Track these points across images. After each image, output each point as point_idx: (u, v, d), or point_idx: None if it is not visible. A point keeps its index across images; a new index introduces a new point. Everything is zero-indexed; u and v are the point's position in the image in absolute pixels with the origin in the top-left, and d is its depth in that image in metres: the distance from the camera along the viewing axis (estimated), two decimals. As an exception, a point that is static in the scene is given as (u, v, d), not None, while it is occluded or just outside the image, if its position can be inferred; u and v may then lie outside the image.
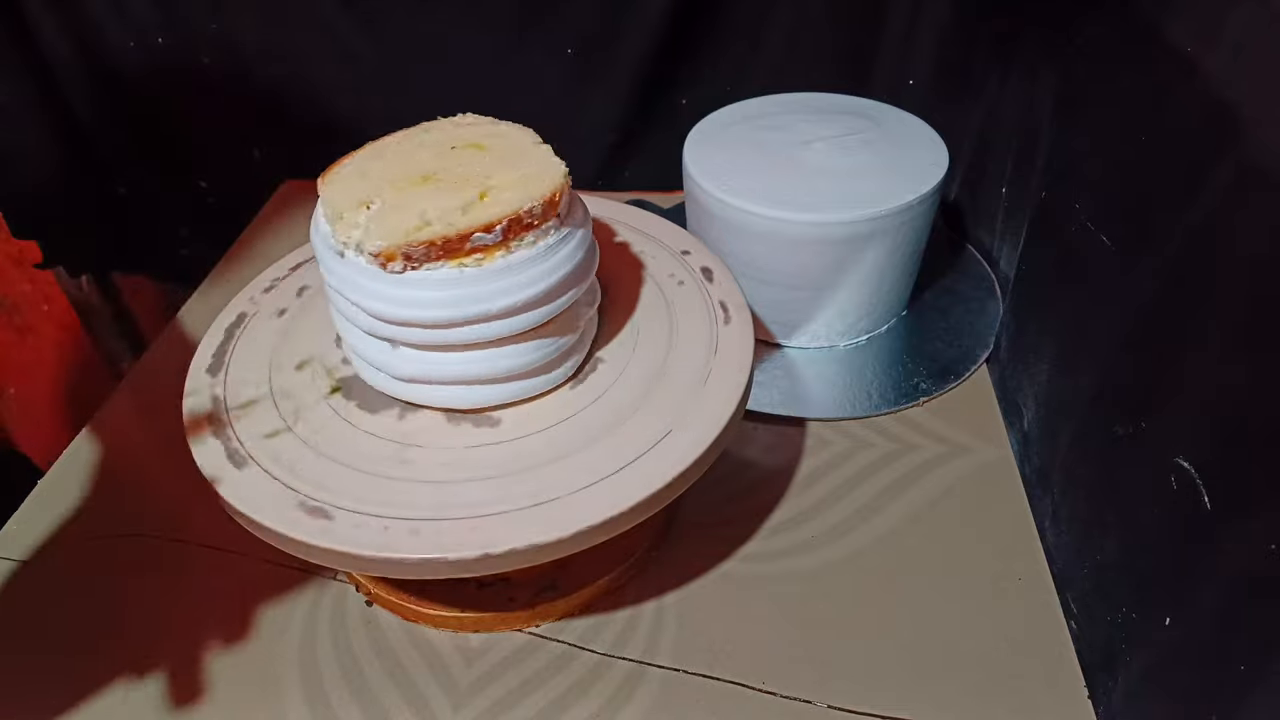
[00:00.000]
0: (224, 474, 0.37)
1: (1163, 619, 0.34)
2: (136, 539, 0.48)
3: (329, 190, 0.38)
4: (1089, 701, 0.40)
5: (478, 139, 0.40)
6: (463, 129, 0.41)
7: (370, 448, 0.38)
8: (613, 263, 0.47)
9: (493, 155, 0.39)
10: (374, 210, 0.36)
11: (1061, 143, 0.49)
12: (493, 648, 0.43)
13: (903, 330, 0.60)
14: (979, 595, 0.44)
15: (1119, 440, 0.39)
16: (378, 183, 0.38)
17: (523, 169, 0.37)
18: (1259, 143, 0.31)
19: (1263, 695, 0.28)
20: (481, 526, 0.35)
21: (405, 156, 0.39)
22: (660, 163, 0.70)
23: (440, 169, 0.38)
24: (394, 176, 0.38)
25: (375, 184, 0.38)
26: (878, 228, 0.52)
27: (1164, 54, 0.37)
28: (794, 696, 0.40)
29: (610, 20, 0.66)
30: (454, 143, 0.40)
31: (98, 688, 0.42)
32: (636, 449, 0.37)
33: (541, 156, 0.38)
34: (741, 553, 0.47)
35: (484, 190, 0.36)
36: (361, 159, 0.40)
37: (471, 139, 0.40)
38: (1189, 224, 0.35)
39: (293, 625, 0.44)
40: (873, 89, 0.66)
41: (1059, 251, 0.48)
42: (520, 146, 0.39)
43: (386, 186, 0.37)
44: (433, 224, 0.35)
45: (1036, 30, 0.54)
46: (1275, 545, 0.28)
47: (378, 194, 0.37)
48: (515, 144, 0.40)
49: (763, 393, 0.55)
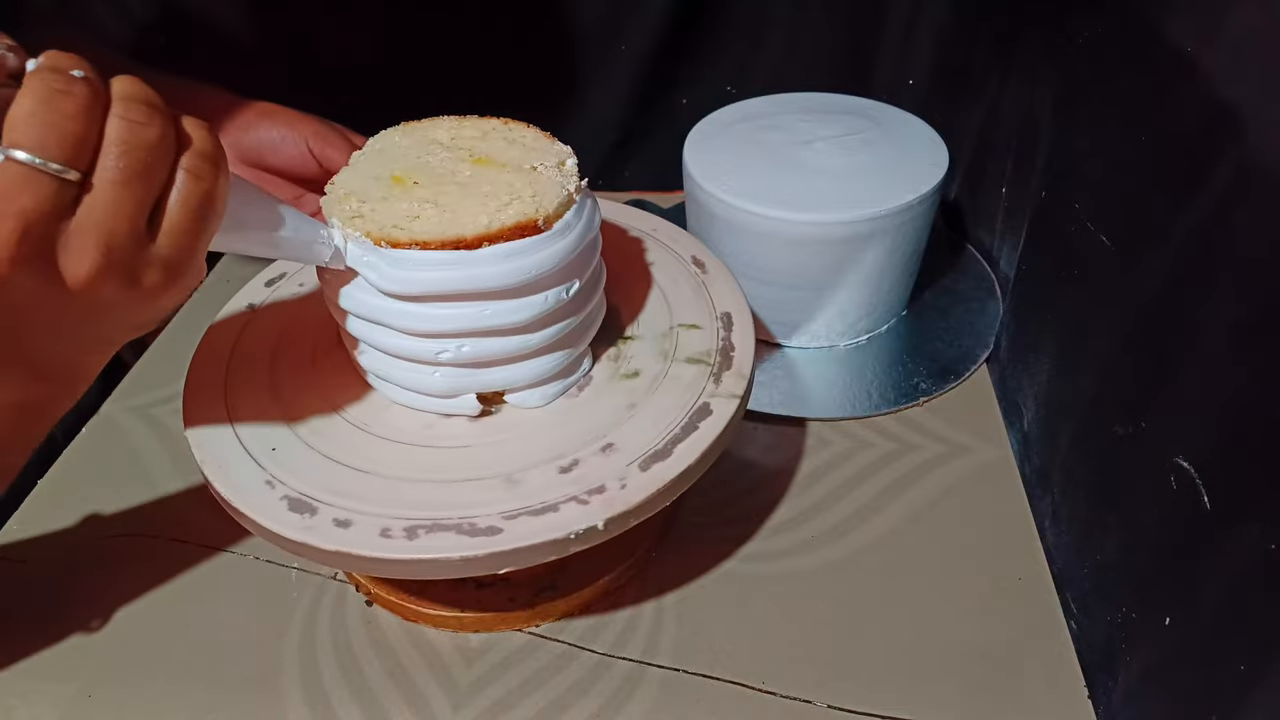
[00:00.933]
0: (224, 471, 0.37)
1: (1163, 619, 0.34)
2: (136, 539, 0.48)
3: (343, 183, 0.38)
4: (1089, 701, 0.40)
5: (486, 151, 0.39)
6: (467, 128, 0.41)
7: (447, 457, 0.38)
8: (613, 263, 0.47)
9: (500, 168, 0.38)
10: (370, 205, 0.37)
11: (1061, 143, 0.49)
12: (493, 648, 0.43)
13: (903, 330, 0.60)
14: (979, 595, 0.44)
15: (1119, 440, 0.39)
16: (377, 181, 0.38)
17: (530, 187, 0.37)
18: (1259, 143, 0.31)
19: (1263, 695, 0.28)
20: (621, 479, 0.35)
21: (404, 157, 0.39)
22: (660, 163, 0.69)
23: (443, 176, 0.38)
24: (393, 174, 0.38)
25: (372, 183, 0.38)
26: (878, 228, 0.52)
27: (1164, 54, 0.37)
28: (794, 696, 0.40)
29: (610, 20, 0.66)
30: (458, 146, 0.40)
31: (98, 687, 0.42)
32: (636, 450, 0.37)
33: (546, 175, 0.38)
34: (741, 553, 0.47)
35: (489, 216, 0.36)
36: (364, 160, 0.40)
37: (478, 149, 0.40)
38: (1189, 224, 0.35)
39: (293, 625, 0.44)
40: (873, 89, 0.66)
41: (1059, 251, 0.48)
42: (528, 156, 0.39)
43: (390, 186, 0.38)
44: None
45: (1036, 30, 0.54)
46: (1275, 545, 0.28)
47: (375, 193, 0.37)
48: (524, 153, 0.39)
49: (763, 393, 0.55)
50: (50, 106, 0.25)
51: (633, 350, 0.43)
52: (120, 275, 0.27)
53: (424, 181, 0.38)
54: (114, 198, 0.26)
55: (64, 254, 0.26)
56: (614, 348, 0.43)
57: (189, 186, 0.28)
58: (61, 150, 0.25)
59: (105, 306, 0.28)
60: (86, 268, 0.26)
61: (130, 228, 0.27)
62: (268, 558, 0.47)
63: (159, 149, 0.27)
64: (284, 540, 0.35)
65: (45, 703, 0.41)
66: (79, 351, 0.31)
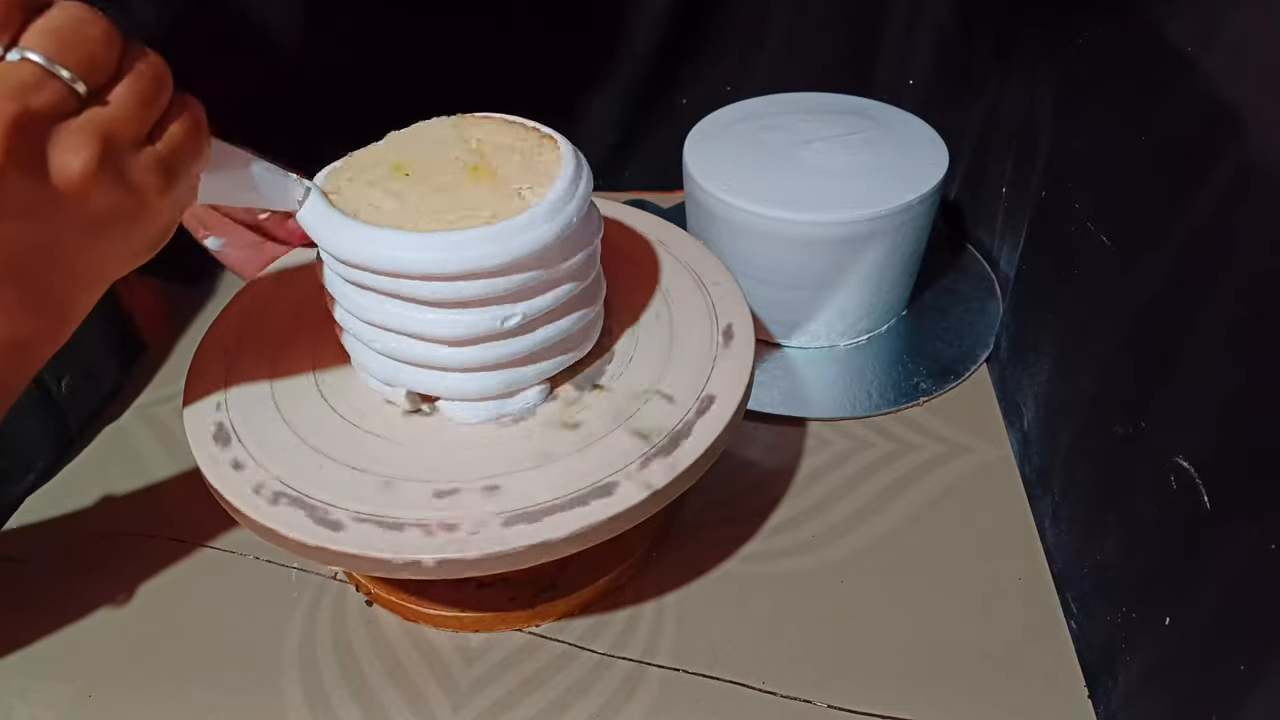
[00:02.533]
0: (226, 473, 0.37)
1: (1163, 619, 0.34)
2: (137, 539, 0.48)
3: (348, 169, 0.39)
4: (1089, 701, 0.40)
5: (494, 162, 0.39)
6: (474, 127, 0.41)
7: (360, 443, 0.39)
8: (612, 263, 0.47)
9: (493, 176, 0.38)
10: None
11: (1061, 143, 0.49)
12: (493, 648, 0.43)
13: (903, 330, 0.60)
14: (979, 595, 0.44)
15: (1119, 440, 0.39)
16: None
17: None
18: (1259, 143, 0.31)
19: (1263, 695, 0.28)
20: (477, 526, 0.35)
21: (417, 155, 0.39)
22: (660, 163, 0.69)
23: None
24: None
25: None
26: (878, 228, 0.52)
27: (1164, 54, 0.37)
28: (794, 696, 0.40)
29: (610, 20, 0.66)
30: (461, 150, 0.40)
31: (98, 687, 0.42)
32: (636, 449, 0.37)
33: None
34: (741, 553, 0.47)
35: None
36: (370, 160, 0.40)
37: (487, 158, 0.39)
38: (1189, 224, 0.35)
39: (293, 625, 0.44)
40: (873, 89, 0.66)
41: (1059, 251, 0.48)
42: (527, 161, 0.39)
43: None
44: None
45: (1036, 30, 0.54)
46: (1275, 545, 0.28)
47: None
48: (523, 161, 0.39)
49: (763, 393, 0.55)
50: (75, 27, 0.26)
51: (592, 401, 0.40)
52: (115, 175, 0.28)
53: (414, 175, 0.38)
54: (121, 103, 0.27)
55: (62, 149, 0.27)
56: (578, 392, 0.41)
57: (189, 107, 0.30)
58: (78, 65, 0.26)
59: (98, 219, 0.29)
60: (84, 160, 0.27)
61: (132, 133, 0.28)
62: (268, 558, 0.47)
63: (165, 82, 0.29)
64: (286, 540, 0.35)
65: (45, 702, 0.41)
66: (70, 282, 0.31)
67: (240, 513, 0.36)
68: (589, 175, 0.38)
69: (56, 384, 0.52)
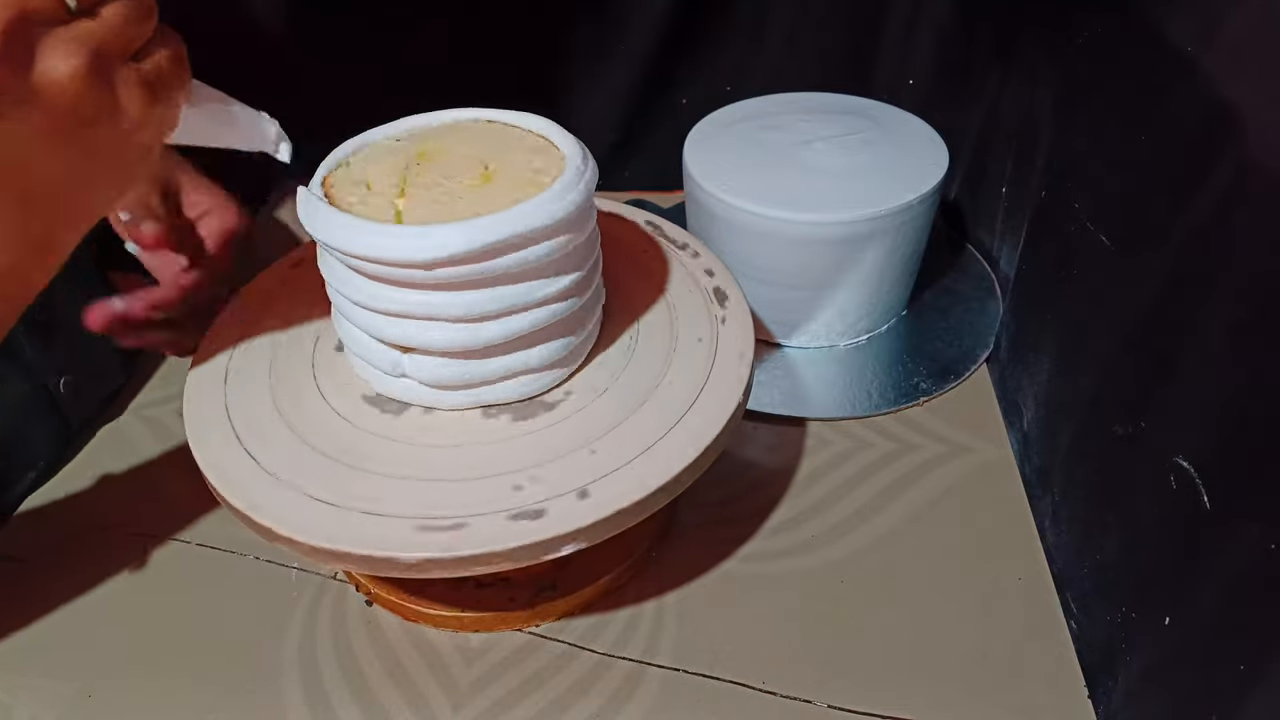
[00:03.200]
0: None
1: (1163, 619, 0.34)
2: (137, 539, 0.48)
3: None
4: (1089, 701, 0.40)
5: (505, 170, 0.38)
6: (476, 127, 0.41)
7: (360, 441, 0.39)
8: (612, 263, 0.47)
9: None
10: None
11: (1061, 143, 0.49)
12: (493, 648, 0.43)
13: (903, 330, 0.60)
14: (979, 595, 0.44)
15: (1119, 440, 0.39)
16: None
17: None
18: (1259, 143, 0.31)
19: (1263, 695, 0.28)
20: (475, 526, 0.35)
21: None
22: (660, 163, 0.69)
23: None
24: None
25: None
26: (878, 228, 0.52)
27: (1164, 54, 0.37)
28: (794, 696, 0.40)
29: (610, 19, 0.66)
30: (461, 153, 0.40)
31: (98, 687, 0.42)
32: (635, 449, 0.37)
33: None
34: (741, 553, 0.47)
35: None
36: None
37: (499, 166, 0.39)
38: (1189, 224, 0.35)
39: (293, 625, 0.44)
40: (873, 89, 0.66)
41: (1059, 251, 0.48)
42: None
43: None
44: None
45: (1036, 30, 0.54)
46: (1275, 545, 0.28)
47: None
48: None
49: (763, 393, 0.55)
50: None
51: (592, 399, 0.40)
52: (102, 84, 0.28)
53: (423, 168, 0.38)
54: (109, 19, 0.28)
55: (52, 53, 0.27)
56: (578, 390, 0.41)
57: (171, 38, 0.31)
58: None
59: (80, 130, 0.29)
60: (73, 65, 0.27)
61: (119, 48, 0.29)
62: (268, 558, 0.47)
63: (151, 9, 0.30)
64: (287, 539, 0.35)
65: (45, 702, 0.41)
66: (54, 206, 0.31)
67: (240, 512, 0.36)
68: (594, 165, 0.39)
69: (56, 384, 0.52)
